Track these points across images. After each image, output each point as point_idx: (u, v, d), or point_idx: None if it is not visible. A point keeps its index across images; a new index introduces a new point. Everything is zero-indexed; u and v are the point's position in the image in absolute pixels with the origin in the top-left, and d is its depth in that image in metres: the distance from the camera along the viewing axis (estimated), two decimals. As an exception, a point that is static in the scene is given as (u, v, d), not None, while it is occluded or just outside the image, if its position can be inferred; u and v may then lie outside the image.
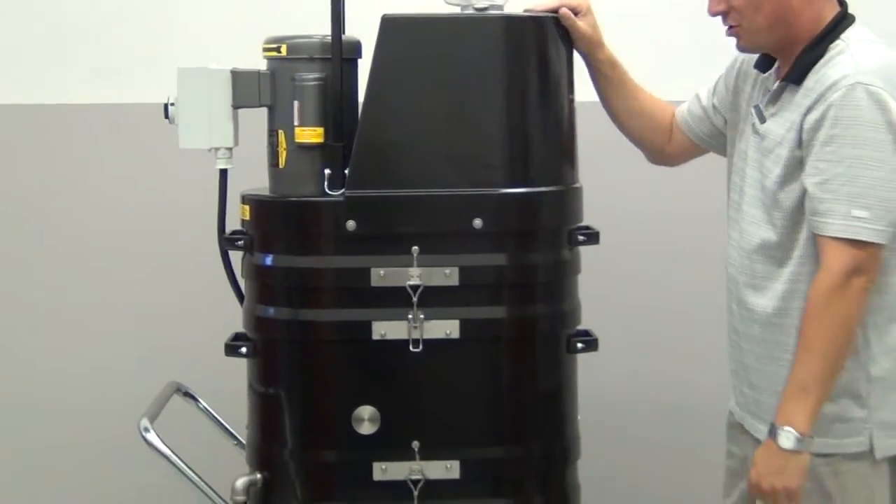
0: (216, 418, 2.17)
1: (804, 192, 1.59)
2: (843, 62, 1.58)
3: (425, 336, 1.78)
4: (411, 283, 1.76)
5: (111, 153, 2.76)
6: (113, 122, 2.76)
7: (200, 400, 2.15)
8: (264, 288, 1.87)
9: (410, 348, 1.77)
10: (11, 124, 2.80)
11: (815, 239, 1.59)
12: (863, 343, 1.63)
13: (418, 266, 1.77)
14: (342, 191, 1.77)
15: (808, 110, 1.58)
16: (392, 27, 1.76)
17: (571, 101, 1.88)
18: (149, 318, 2.73)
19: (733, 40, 1.74)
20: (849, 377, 1.62)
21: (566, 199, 1.87)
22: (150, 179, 2.71)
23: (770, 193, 1.65)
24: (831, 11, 1.65)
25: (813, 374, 1.57)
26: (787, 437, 1.56)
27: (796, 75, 1.63)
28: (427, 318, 1.78)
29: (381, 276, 1.77)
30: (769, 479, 1.62)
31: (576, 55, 1.93)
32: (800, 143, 1.59)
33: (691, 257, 2.71)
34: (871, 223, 1.53)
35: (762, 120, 1.70)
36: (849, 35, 1.63)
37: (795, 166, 1.60)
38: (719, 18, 1.72)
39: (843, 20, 1.65)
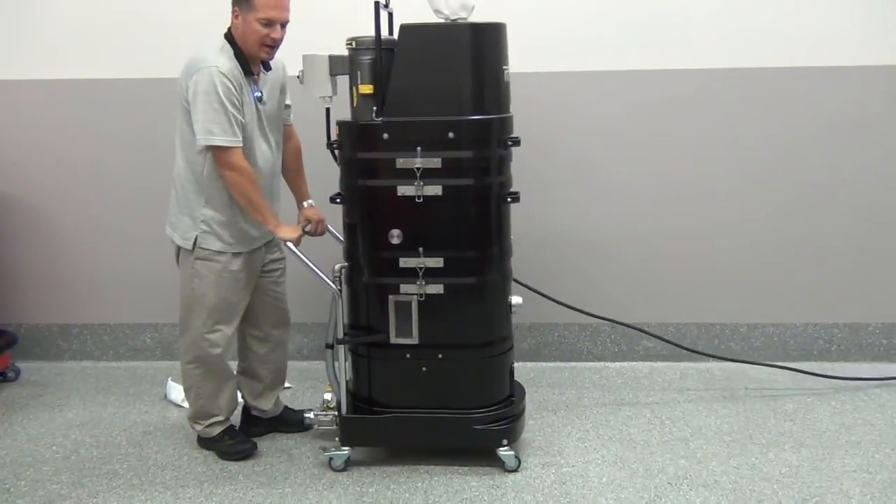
0: (333, 233, 3.71)
1: None
2: None
3: (424, 194, 3.23)
4: (416, 166, 3.21)
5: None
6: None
7: (329, 226, 3.70)
8: (347, 168, 3.38)
9: (416, 200, 3.24)
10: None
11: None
12: None
13: (420, 157, 3.21)
14: (381, 118, 3.24)
15: None
16: (406, 30, 3.20)
17: (505, 69, 3.31)
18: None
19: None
20: None
21: (504, 122, 3.32)
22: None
23: None
24: None
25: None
26: None
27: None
28: (425, 185, 3.22)
29: (401, 162, 3.23)
30: None
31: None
32: None
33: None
34: None
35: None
36: None
37: None
38: None
39: None
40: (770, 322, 4.59)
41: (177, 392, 4.24)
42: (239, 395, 3.81)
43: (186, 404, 3.95)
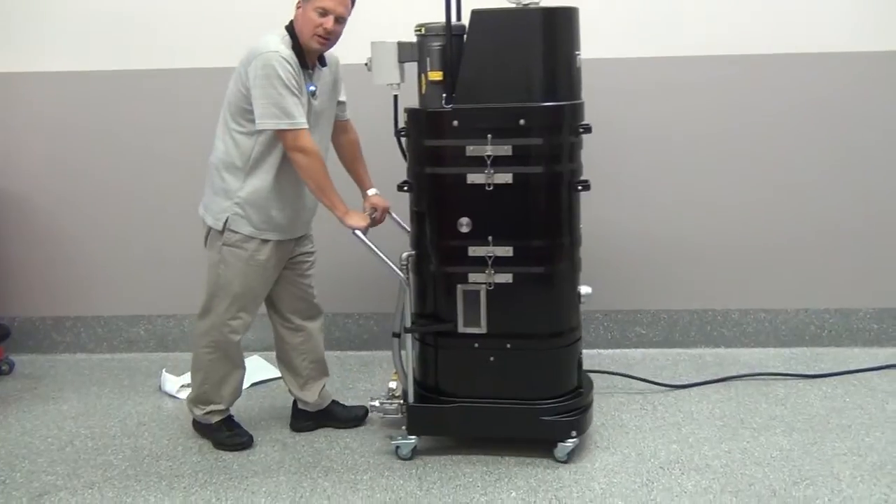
0: (398, 221, 3.69)
1: None
2: None
3: (494, 182, 3.19)
4: (487, 153, 3.18)
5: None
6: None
7: (394, 214, 3.67)
8: (415, 155, 3.37)
9: (486, 188, 3.20)
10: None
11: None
12: None
13: (490, 145, 3.18)
14: (451, 105, 3.22)
15: None
16: (478, 16, 3.16)
17: (578, 55, 3.26)
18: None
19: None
20: None
21: (576, 108, 3.27)
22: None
23: None
24: None
25: None
26: None
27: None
28: (495, 173, 3.18)
29: (471, 150, 3.19)
30: None
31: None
32: None
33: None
34: None
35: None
36: None
37: None
38: None
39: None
40: (762, 308, 4.59)
41: (171, 383, 4.26)
42: (243, 384, 3.79)
43: (182, 395, 4.01)
